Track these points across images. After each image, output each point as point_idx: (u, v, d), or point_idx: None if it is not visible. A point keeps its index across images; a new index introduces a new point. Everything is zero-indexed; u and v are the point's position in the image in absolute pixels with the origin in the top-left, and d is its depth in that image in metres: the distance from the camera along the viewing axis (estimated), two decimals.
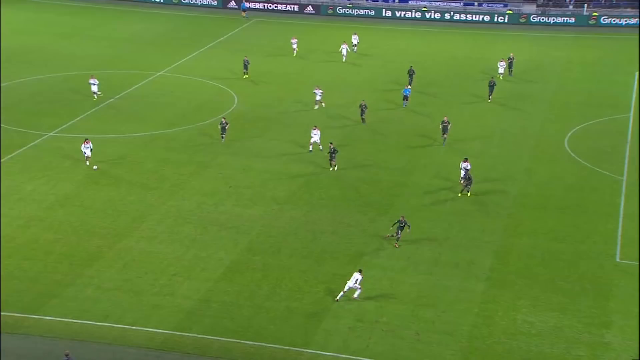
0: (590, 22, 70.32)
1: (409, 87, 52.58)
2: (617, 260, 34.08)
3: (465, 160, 39.56)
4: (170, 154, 44.12)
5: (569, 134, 47.09)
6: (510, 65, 56.10)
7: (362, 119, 48.14)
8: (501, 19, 72.36)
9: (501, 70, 55.63)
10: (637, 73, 56.96)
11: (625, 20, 69.66)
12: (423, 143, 45.81)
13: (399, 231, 34.61)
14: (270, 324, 30.00)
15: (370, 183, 41.00)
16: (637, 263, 33.77)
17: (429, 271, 33.43)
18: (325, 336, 29.43)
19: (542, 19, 71.61)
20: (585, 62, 60.89)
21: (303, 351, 28.62)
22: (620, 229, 36.34)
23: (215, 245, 35.11)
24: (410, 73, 54.39)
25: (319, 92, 50.38)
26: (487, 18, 72.50)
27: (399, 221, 34.63)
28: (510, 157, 43.86)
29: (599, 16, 70.32)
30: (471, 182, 38.94)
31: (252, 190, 40.02)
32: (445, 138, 44.82)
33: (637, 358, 28.01)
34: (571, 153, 44.50)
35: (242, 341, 29.10)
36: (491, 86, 51.56)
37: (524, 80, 56.00)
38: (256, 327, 29.80)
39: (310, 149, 43.95)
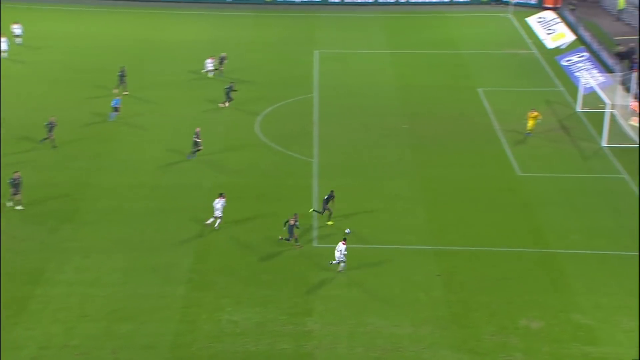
0: None
1: (123, 92, 47.74)
2: (315, 245, 34.52)
3: (221, 195, 35.52)
4: None
5: (259, 118, 47.27)
6: (220, 64, 53.17)
7: (47, 139, 41.18)
8: None
9: (210, 67, 53.30)
10: (317, 52, 58.83)
11: None
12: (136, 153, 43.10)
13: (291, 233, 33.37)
14: None
15: (47, 187, 37.59)
16: (331, 246, 34.44)
17: (123, 280, 31.46)
18: None
19: None
20: (267, 42, 61.68)
21: None
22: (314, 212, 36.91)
23: None
24: (122, 75, 49.01)
25: None
26: None
27: (292, 223, 33.20)
28: (203, 149, 42.77)
29: None
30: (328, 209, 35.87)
31: None
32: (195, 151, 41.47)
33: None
34: (263, 138, 44.66)
35: None
36: (228, 91, 48.12)
37: (236, 70, 54.52)
38: None
39: None
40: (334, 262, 32.55)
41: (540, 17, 59.56)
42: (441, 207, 37.71)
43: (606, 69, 52.81)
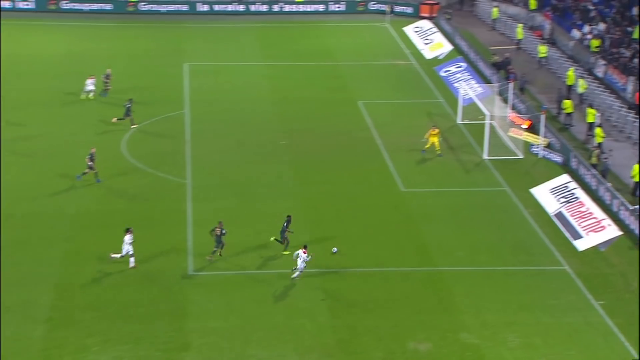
0: (128, 8, 69.42)
1: None
2: (190, 272, 33.52)
3: (128, 231, 33.19)
4: None
5: (126, 137, 45.62)
6: (106, 84, 50.68)
7: None
8: (25, 5, 67.92)
9: (90, 87, 50.25)
10: (187, 65, 57.64)
11: (166, 7, 70.05)
12: None
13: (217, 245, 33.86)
14: None
15: None
16: (211, 273, 33.41)
17: None
18: None
19: (75, 6, 68.63)
20: (131, 54, 59.95)
21: None
22: (190, 237, 35.78)
23: None
24: None
25: None
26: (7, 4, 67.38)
27: (218, 233, 33.67)
28: (66, 172, 40.93)
29: (137, 2, 69.60)
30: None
31: None
32: (95, 173, 39.78)
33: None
34: (131, 159, 43.13)
35: None
36: (128, 108, 46.31)
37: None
38: None
39: None
40: (296, 274, 32.57)
41: (417, 27, 60.55)
42: (325, 227, 37.28)
43: (484, 79, 54.11)
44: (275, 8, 71.25)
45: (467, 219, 38.41)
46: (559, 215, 36.76)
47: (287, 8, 71.37)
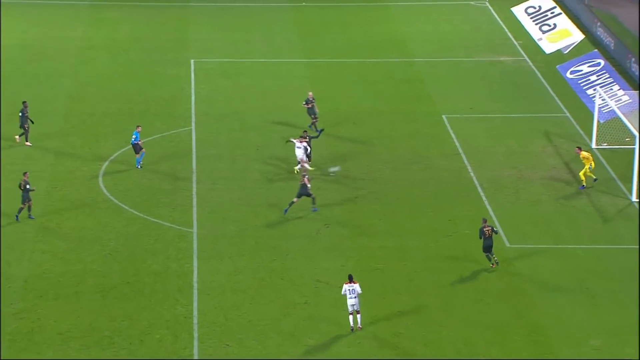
0: None
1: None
2: None
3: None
4: None
5: (104, 167, 46.74)
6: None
7: None
8: None
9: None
10: (193, 61, 58.84)
11: None
12: None
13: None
14: None
15: None
16: None
17: None
18: None
19: None
20: (114, 46, 61.46)
21: None
22: (195, 312, 36.39)
23: None
24: None
25: None
26: None
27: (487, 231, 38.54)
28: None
29: None
30: None
31: None
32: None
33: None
34: (110, 196, 44.23)
35: None
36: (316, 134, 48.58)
37: None
38: None
39: None
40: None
41: (531, 7, 60.92)
42: (393, 300, 37.25)
43: (631, 84, 54.06)
44: None
45: (605, 290, 38.28)
46: None
47: None
